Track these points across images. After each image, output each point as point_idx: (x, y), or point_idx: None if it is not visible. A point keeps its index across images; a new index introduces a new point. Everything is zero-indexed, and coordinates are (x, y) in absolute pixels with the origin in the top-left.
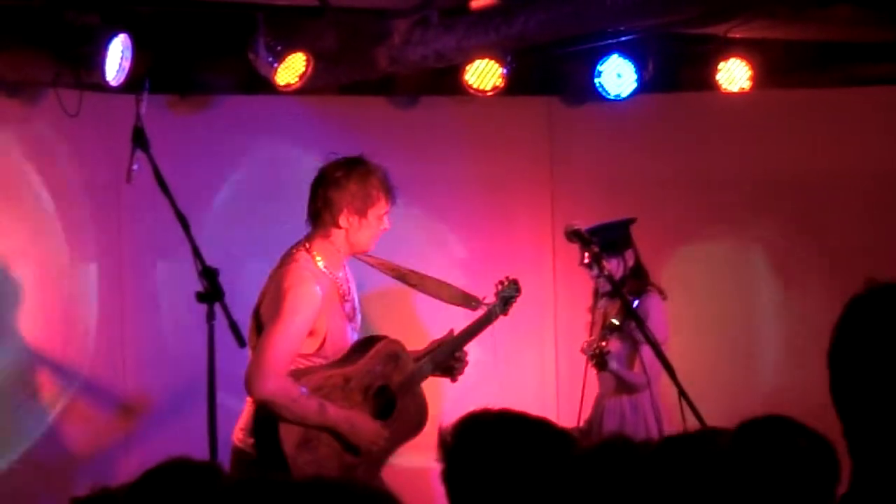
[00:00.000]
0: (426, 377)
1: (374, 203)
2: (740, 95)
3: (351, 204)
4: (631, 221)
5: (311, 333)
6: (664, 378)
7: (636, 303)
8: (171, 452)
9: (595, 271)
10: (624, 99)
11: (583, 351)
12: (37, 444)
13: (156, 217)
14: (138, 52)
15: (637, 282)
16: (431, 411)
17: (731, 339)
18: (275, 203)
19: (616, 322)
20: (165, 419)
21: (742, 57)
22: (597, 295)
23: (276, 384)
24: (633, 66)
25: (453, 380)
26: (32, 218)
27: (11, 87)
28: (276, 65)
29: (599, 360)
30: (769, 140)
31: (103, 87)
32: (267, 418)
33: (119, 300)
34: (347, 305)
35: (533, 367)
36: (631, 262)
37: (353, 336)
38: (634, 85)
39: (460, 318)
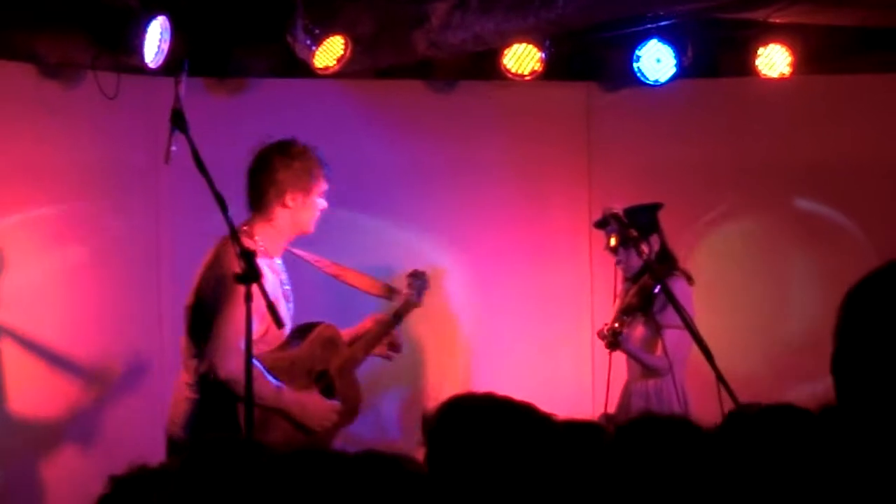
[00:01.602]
0: (360, 362)
1: (316, 181)
2: (780, 81)
3: (297, 183)
4: (658, 206)
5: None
6: (691, 362)
7: (660, 287)
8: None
9: (619, 256)
10: (662, 84)
11: (598, 333)
12: (75, 420)
13: (193, 199)
14: (177, 34)
15: (662, 266)
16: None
17: (765, 326)
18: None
19: (633, 303)
20: None
21: (782, 42)
22: (624, 281)
23: (239, 362)
24: (672, 51)
25: (390, 359)
26: (70, 199)
27: (51, 70)
28: (314, 48)
29: (611, 340)
30: (809, 126)
31: (142, 69)
32: (221, 403)
33: (156, 282)
34: (286, 291)
35: (569, 354)
36: (656, 247)
37: (289, 323)
38: (673, 70)
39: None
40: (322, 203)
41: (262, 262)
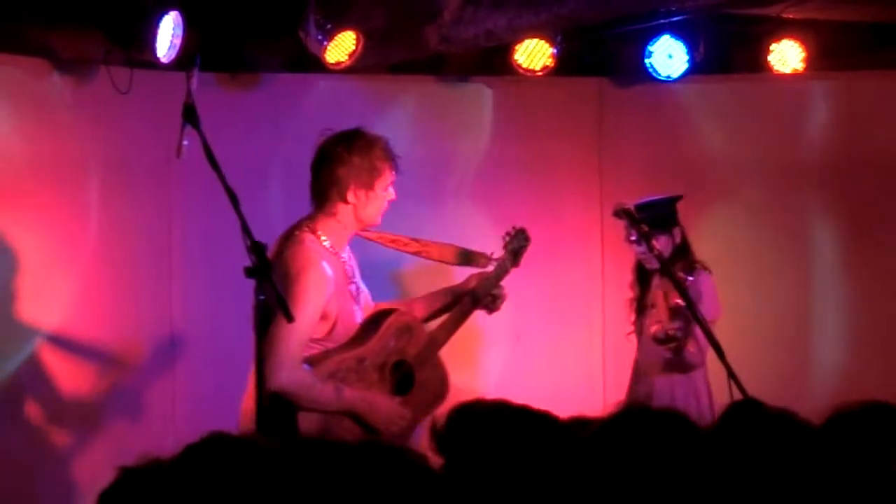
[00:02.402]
0: (443, 345)
1: (379, 174)
2: (793, 77)
3: (358, 178)
4: (678, 198)
5: (321, 318)
6: (711, 357)
7: (689, 279)
8: (218, 426)
9: (642, 247)
10: (674, 80)
11: (656, 336)
12: (85, 420)
13: (205, 193)
14: (189, 29)
15: (686, 260)
16: (478, 389)
17: (778, 324)
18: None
19: (682, 303)
20: (213, 395)
21: (795, 38)
22: (637, 272)
23: (292, 374)
24: (684, 47)
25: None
26: (82, 193)
27: (64, 65)
28: (326, 43)
29: (679, 345)
30: (822, 123)
31: (154, 64)
32: (282, 410)
33: (168, 276)
34: (353, 286)
35: (580, 349)
36: (678, 240)
37: (359, 317)
38: (685, 66)
39: None
40: (390, 194)
41: (325, 261)
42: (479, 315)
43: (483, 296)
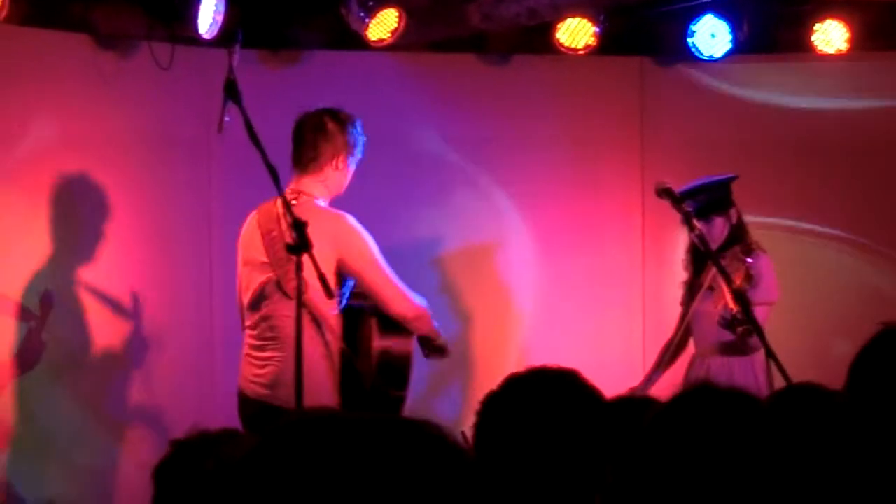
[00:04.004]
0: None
1: (361, 149)
2: (837, 57)
3: (348, 147)
4: (733, 178)
5: None
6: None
7: (748, 261)
8: None
9: (701, 230)
10: (717, 60)
11: (723, 320)
12: (128, 396)
13: (245, 170)
14: (231, 6)
15: (743, 241)
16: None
17: (813, 305)
18: (363, 158)
19: (747, 286)
20: None
21: (839, 18)
22: (692, 252)
23: (414, 300)
24: (727, 27)
25: None
26: (123, 169)
27: (105, 41)
28: (367, 20)
29: (749, 328)
30: (865, 104)
31: (196, 40)
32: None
33: (207, 251)
34: None
35: (620, 331)
36: (735, 220)
37: None
38: (728, 45)
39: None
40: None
41: None
42: (519, 298)
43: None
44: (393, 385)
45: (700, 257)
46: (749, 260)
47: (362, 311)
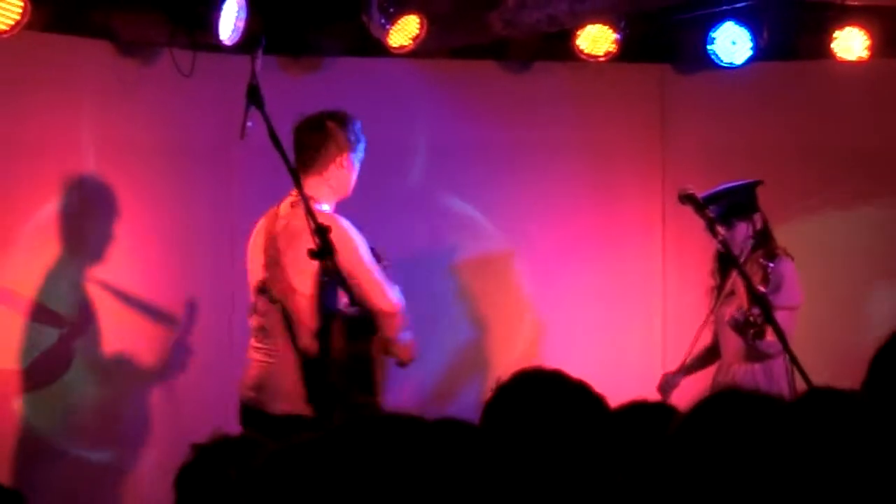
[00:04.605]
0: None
1: (362, 146)
2: (857, 64)
3: (350, 146)
4: (757, 183)
5: None
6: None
7: (770, 266)
8: None
9: (724, 236)
10: (738, 67)
11: (735, 322)
12: (149, 401)
13: (267, 178)
14: (252, 12)
15: (767, 246)
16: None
17: (841, 311)
18: (384, 164)
19: (763, 289)
20: None
21: (859, 25)
22: (719, 259)
23: (395, 296)
24: (747, 34)
25: None
26: (145, 175)
27: (127, 48)
28: (389, 27)
29: (758, 330)
30: (886, 110)
31: (217, 47)
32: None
33: (229, 258)
34: None
35: (640, 340)
36: (759, 226)
37: None
38: (749, 53)
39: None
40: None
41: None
42: (537, 306)
43: None
44: (361, 389)
45: (726, 264)
46: (771, 265)
47: (330, 315)
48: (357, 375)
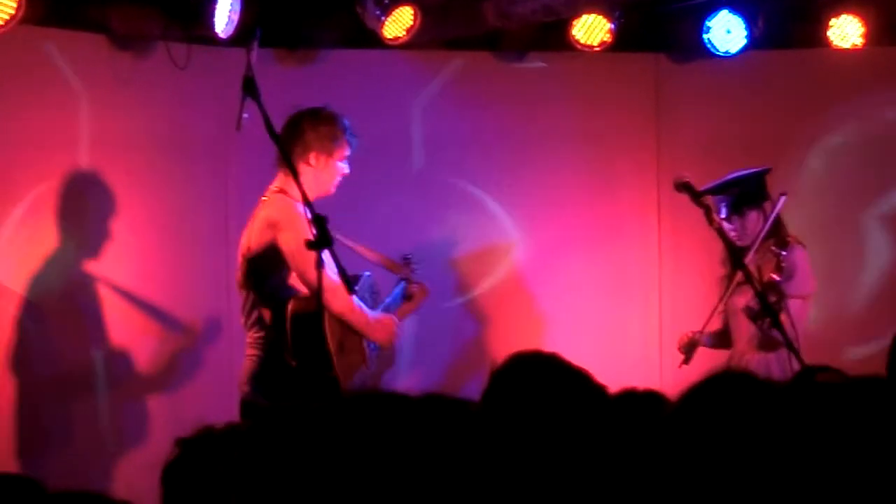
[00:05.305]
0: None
1: (340, 146)
2: (852, 52)
3: (321, 145)
4: (766, 171)
5: None
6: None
7: (783, 254)
8: None
9: (733, 224)
10: (733, 56)
11: (750, 310)
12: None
13: (263, 170)
14: (247, 5)
15: (778, 234)
16: None
17: (840, 302)
18: (380, 156)
19: (777, 278)
20: None
21: (854, 13)
22: (730, 249)
23: (345, 298)
24: (742, 22)
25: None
26: (141, 168)
27: (122, 41)
28: (383, 18)
29: (770, 321)
30: (881, 98)
31: (212, 40)
32: (309, 330)
33: (225, 249)
34: None
35: (637, 329)
36: (769, 214)
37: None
38: (744, 41)
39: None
40: (344, 168)
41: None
42: (534, 296)
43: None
44: (317, 362)
45: (735, 251)
46: (783, 253)
47: (284, 301)
48: (305, 338)
